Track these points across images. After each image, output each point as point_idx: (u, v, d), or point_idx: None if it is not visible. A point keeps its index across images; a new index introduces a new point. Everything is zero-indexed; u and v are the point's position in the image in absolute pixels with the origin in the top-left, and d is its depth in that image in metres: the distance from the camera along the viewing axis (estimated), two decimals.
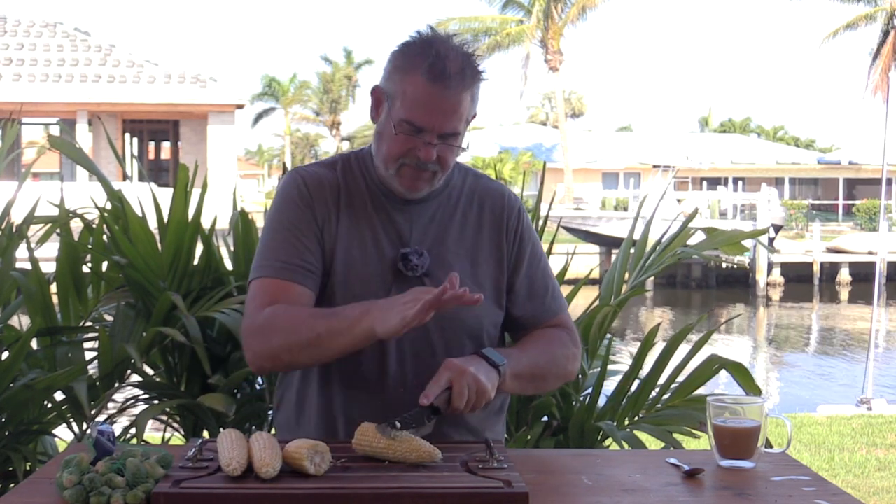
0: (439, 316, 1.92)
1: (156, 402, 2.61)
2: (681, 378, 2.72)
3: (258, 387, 2.67)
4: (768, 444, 1.95)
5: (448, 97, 1.86)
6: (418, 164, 1.90)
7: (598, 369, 2.70)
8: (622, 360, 2.94)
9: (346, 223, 1.96)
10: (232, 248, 2.79)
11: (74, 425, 2.61)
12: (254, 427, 2.60)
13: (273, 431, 2.18)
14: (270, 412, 2.39)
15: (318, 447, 1.65)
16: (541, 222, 2.86)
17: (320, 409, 2.00)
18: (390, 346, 1.94)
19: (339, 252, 1.95)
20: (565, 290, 2.81)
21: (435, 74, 1.85)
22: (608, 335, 2.84)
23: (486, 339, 2.02)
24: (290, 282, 1.90)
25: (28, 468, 2.47)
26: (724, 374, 2.66)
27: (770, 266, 26.27)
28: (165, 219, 2.69)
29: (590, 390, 2.72)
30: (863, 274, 25.58)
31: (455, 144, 1.91)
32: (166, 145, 27.02)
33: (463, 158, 2.05)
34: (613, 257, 3.03)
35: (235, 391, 2.53)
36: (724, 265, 25.84)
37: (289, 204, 1.97)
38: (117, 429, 2.60)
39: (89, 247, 2.70)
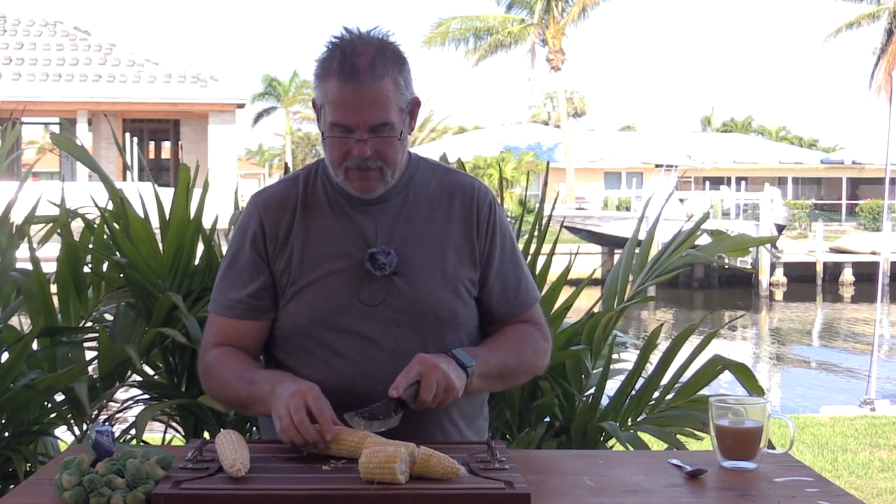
0: (414, 312, 1.95)
1: (156, 402, 2.60)
2: (684, 378, 2.71)
3: None
4: (771, 445, 1.94)
5: (362, 91, 1.88)
6: (359, 163, 1.93)
7: (601, 369, 2.69)
8: (626, 358, 2.93)
9: (307, 233, 2.01)
10: None
11: (75, 426, 2.60)
12: (255, 428, 2.60)
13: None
14: None
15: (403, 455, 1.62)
16: (543, 222, 2.86)
17: None
18: (367, 344, 1.96)
19: (303, 262, 1.99)
20: (567, 291, 2.81)
21: (345, 72, 1.88)
22: (614, 333, 2.83)
23: (463, 333, 2.03)
24: (233, 319, 2.03)
25: (29, 469, 2.47)
26: (727, 375, 2.66)
27: (773, 266, 26.27)
28: (167, 218, 2.68)
29: (592, 391, 2.71)
30: (866, 274, 25.59)
31: (390, 136, 1.92)
32: (167, 145, 27.01)
33: (465, 158, 2.07)
34: (616, 257, 3.01)
35: None
36: (726, 266, 25.85)
37: (239, 236, 2.06)
38: (117, 429, 2.60)
39: (90, 247, 2.69)
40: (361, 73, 1.87)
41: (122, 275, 2.67)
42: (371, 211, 2.00)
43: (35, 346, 2.61)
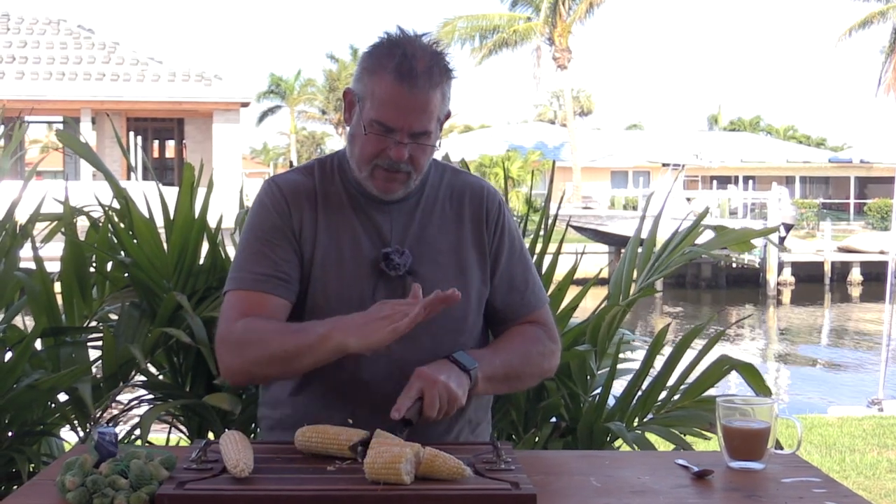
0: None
1: (160, 402, 2.59)
2: (691, 379, 2.70)
3: None
4: (778, 446, 1.93)
5: (416, 96, 1.87)
6: (390, 165, 1.91)
7: (608, 369, 2.68)
8: (633, 357, 2.92)
9: (324, 226, 1.98)
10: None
11: (78, 426, 2.60)
12: (259, 428, 2.59)
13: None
14: None
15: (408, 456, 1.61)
16: (549, 222, 2.84)
17: (302, 406, 2.00)
18: None
19: (319, 255, 1.97)
20: (574, 290, 2.80)
21: (402, 74, 1.86)
22: (621, 331, 2.82)
23: (473, 334, 2.02)
24: (264, 293, 1.94)
25: (32, 469, 2.46)
26: (734, 375, 2.64)
27: (781, 265, 26.21)
28: (171, 218, 2.67)
29: (599, 391, 2.70)
30: (874, 273, 25.50)
31: (427, 144, 1.92)
32: (171, 144, 26.97)
33: (471, 157, 2.06)
34: (622, 256, 3.00)
35: (240, 392, 2.52)
36: (734, 265, 25.81)
37: (264, 214, 2.00)
38: (121, 429, 2.59)
39: (94, 246, 2.68)
40: (419, 78, 1.86)
41: (126, 274, 2.66)
42: (388, 209, 1.99)
43: (38, 345, 2.60)
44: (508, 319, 2.08)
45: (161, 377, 2.71)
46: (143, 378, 2.65)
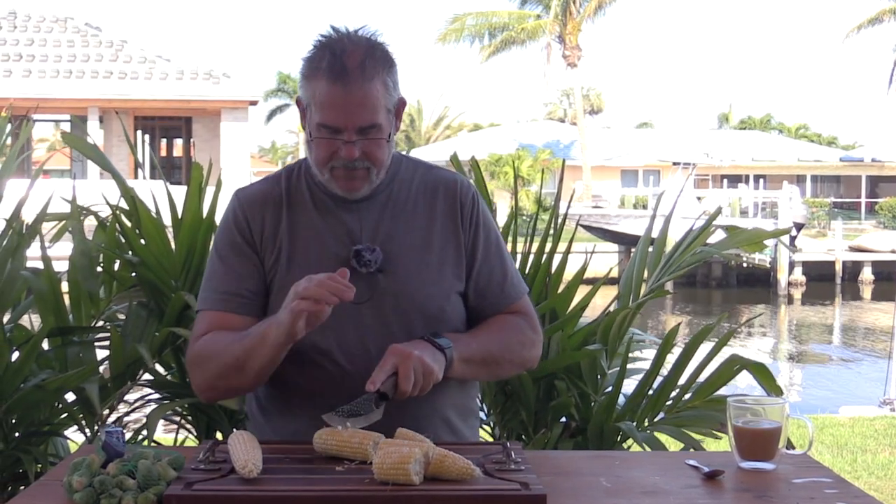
0: (401, 309, 1.95)
1: (168, 402, 2.59)
2: (701, 378, 2.69)
3: None
4: (789, 446, 1.92)
5: (353, 92, 1.87)
6: (346, 164, 1.92)
7: (618, 369, 2.67)
8: (643, 357, 2.91)
9: (291, 231, 2.00)
10: None
11: (86, 426, 2.60)
12: None
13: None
14: None
15: (417, 455, 1.60)
16: (559, 221, 2.83)
17: (282, 407, 2.01)
18: (354, 343, 1.94)
19: (288, 259, 1.98)
20: (584, 290, 2.79)
21: (335, 73, 1.87)
22: (632, 331, 2.80)
23: (451, 329, 2.00)
24: (227, 312, 1.98)
25: (39, 470, 2.46)
26: (745, 375, 2.63)
27: (792, 265, 26.14)
28: (179, 217, 2.67)
29: (609, 390, 2.68)
30: (886, 273, 25.44)
31: (377, 137, 1.91)
32: (179, 142, 26.95)
33: (480, 155, 2.04)
34: (632, 256, 2.98)
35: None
36: (744, 264, 25.74)
37: (226, 231, 2.04)
38: (129, 429, 2.59)
39: (101, 245, 2.68)
40: (351, 74, 1.86)
41: (133, 274, 2.66)
42: (356, 208, 2.00)
43: (46, 345, 2.61)
44: (489, 312, 2.07)
45: (169, 377, 2.71)
46: (150, 378, 2.65)
